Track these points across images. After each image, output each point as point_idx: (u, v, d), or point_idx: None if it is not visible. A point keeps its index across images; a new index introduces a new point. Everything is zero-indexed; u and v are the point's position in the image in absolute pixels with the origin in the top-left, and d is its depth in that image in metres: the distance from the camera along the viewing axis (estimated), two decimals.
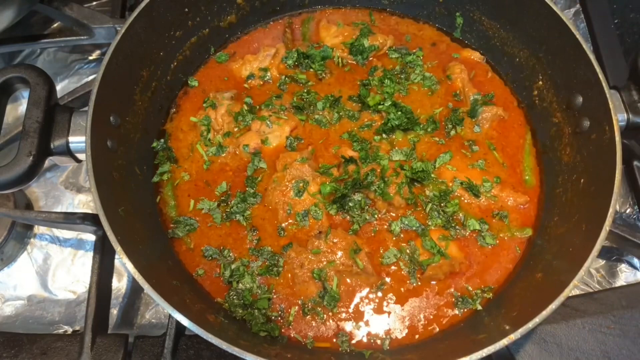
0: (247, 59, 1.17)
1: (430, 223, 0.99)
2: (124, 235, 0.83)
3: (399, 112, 1.08)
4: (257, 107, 1.12)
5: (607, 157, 0.85)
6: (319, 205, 0.99)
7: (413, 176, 1.01)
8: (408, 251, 0.97)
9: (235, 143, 1.08)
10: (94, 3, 1.43)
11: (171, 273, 0.94)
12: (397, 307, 0.94)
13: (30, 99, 0.90)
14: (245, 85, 1.16)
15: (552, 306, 0.76)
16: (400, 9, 1.25)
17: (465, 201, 1.01)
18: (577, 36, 0.95)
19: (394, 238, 0.98)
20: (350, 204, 1.00)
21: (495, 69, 1.17)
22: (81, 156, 0.92)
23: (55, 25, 1.38)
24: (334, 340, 0.92)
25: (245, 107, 1.10)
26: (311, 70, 1.17)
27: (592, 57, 0.93)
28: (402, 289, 0.95)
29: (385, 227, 0.99)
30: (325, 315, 0.93)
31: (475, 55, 1.18)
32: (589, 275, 1.12)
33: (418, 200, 1.00)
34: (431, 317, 0.94)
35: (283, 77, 1.15)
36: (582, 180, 0.93)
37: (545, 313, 0.76)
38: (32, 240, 1.19)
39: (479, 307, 0.93)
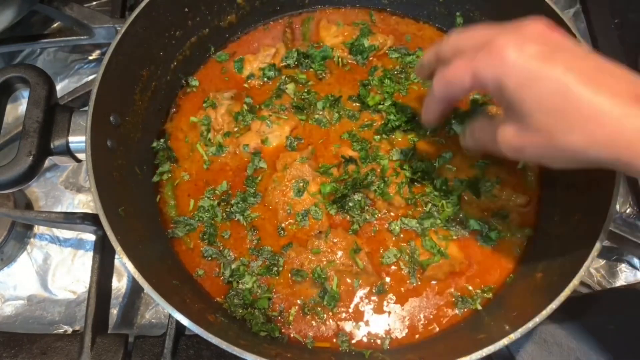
0: (247, 59, 1.17)
1: (429, 223, 0.99)
2: (124, 235, 0.83)
3: (399, 112, 1.08)
4: (257, 107, 1.12)
5: None
6: (319, 205, 0.99)
7: (413, 176, 1.01)
8: (408, 251, 0.97)
9: (235, 143, 1.08)
10: (94, 3, 1.43)
11: (171, 273, 0.94)
12: (397, 306, 0.94)
13: (30, 98, 0.90)
14: (245, 85, 1.16)
15: (552, 306, 0.76)
16: (400, 9, 1.25)
17: (466, 200, 1.01)
18: (577, 36, 0.95)
19: (394, 238, 0.98)
20: (350, 204, 1.00)
21: None
22: (81, 156, 0.92)
23: (55, 25, 1.38)
24: (334, 340, 0.92)
25: (245, 107, 1.11)
26: (311, 70, 1.17)
27: None
28: (402, 289, 0.95)
29: (385, 227, 0.99)
30: (325, 315, 0.93)
31: None
32: (589, 275, 1.12)
33: (418, 200, 1.00)
34: (431, 317, 0.94)
35: (283, 77, 1.15)
36: (582, 180, 0.93)
37: (545, 313, 0.76)
38: (32, 240, 1.19)
39: (479, 307, 0.93)
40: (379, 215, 1.00)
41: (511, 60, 0.62)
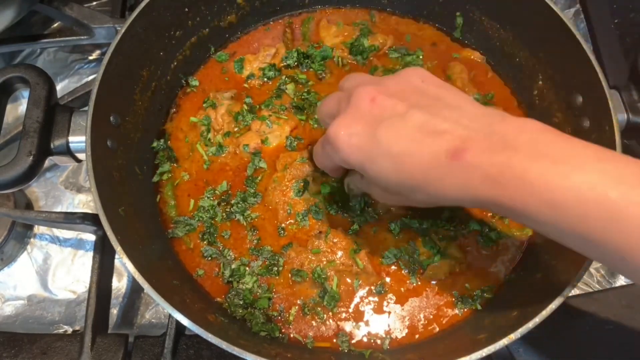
0: (247, 59, 1.17)
1: (429, 223, 0.99)
2: (124, 235, 0.83)
3: None
4: (257, 107, 1.12)
5: None
6: (319, 205, 0.99)
7: None
8: (408, 251, 0.97)
9: (235, 143, 1.08)
10: (94, 3, 1.43)
11: (171, 273, 0.94)
12: (397, 306, 0.94)
13: (30, 98, 0.90)
14: (245, 85, 1.16)
15: (552, 306, 0.76)
16: (400, 9, 1.25)
17: None
18: (577, 36, 0.95)
19: (394, 238, 0.98)
20: (350, 204, 1.00)
21: (495, 69, 1.17)
22: (81, 156, 0.92)
23: (55, 25, 1.38)
24: (334, 340, 0.92)
25: (245, 107, 1.11)
26: (311, 70, 1.17)
27: (592, 57, 0.93)
28: (402, 289, 0.95)
29: (385, 227, 0.99)
30: (325, 315, 0.93)
31: (475, 55, 1.18)
32: (589, 275, 1.12)
33: None
34: (431, 316, 0.94)
35: (283, 77, 1.15)
36: None
37: (545, 313, 0.76)
38: (32, 240, 1.19)
39: (479, 307, 0.93)
40: (379, 215, 1.00)
41: (345, 151, 0.72)
